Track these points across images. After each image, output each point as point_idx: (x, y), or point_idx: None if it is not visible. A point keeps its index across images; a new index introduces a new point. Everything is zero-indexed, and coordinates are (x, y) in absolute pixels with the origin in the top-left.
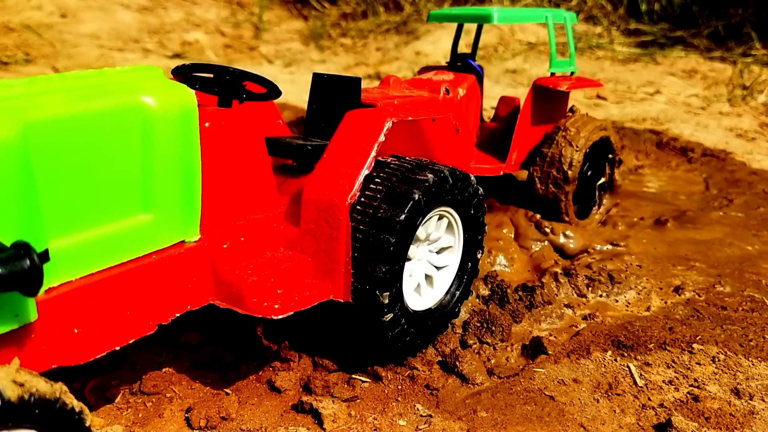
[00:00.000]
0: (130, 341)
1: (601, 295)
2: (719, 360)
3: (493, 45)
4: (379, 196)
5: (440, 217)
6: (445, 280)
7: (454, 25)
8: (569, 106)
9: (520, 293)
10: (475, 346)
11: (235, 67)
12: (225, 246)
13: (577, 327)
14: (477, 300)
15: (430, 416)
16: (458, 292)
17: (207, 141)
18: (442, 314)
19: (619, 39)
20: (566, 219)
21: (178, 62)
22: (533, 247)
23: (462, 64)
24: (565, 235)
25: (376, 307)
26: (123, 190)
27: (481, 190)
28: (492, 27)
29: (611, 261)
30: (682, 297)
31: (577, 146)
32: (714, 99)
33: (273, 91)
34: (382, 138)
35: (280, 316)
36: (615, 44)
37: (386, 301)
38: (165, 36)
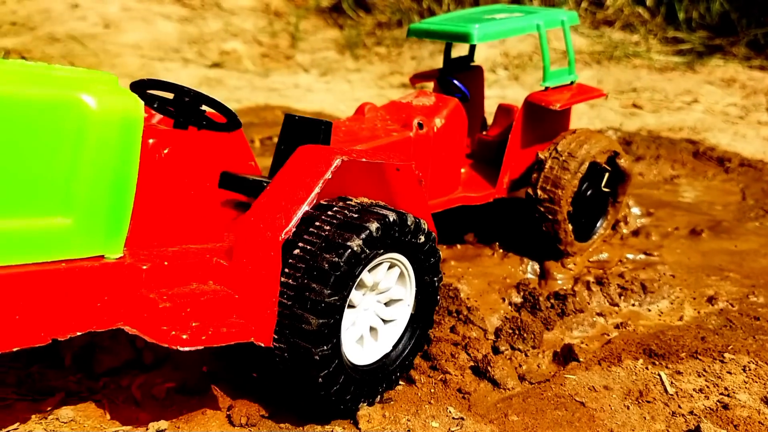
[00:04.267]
0: (14, 348)
1: (633, 304)
2: (750, 369)
3: (527, 54)
4: (316, 241)
5: (391, 266)
6: (394, 331)
7: None
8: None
9: (552, 301)
10: (506, 352)
11: (200, 91)
12: (144, 267)
13: (608, 335)
14: (509, 307)
15: (462, 419)
16: (410, 344)
17: (149, 159)
18: (389, 369)
19: (657, 47)
20: (563, 249)
21: (217, 72)
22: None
23: (446, 86)
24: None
25: (307, 362)
26: (42, 187)
27: (433, 235)
28: (527, 34)
29: (644, 270)
30: (716, 307)
31: (570, 172)
32: (753, 108)
33: (232, 121)
34: (328, 175)
35: (185, 348)
36: (652, 52)
37: (318, 357)
38: (204, 46)
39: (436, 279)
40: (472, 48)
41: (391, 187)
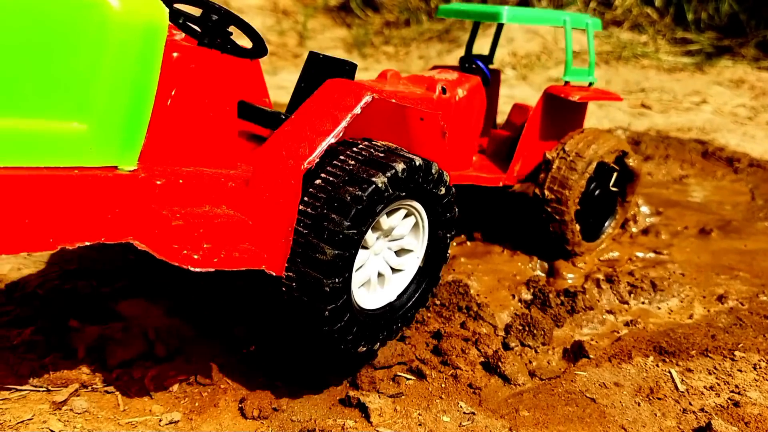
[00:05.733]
0: (21, 252)
1: (643, 302)
2: (760, 367)
3: (535, 53)
4: (340, 173)
5: (407, 214)
6: (401, 281)
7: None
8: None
9: (562, 298)
10: (516, 348)
11: (231, 11)
12: (158, 182)
13: (618, 333)
14: (519, 304)
15: (473, 414)
16: (415, 297)
17: (170, 72)
18: (391, 317)
19: (665, 48)
20: (570, 249)
21: None
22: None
23: (470, 65)
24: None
25: (316, 294)
26: (58, 89)
27: (453, 190)
28: (534, 34)
29: (654, 269)
30: (725, 306)
31: (578, 172)
32: (761, 109)
33: (259, 47)
34: (357, 110)
35: (197, 269)
36: (660, 53)
37: (328, 289)
38: None
39: (449, 235)
40: (493, 49)
41: (414, 136)
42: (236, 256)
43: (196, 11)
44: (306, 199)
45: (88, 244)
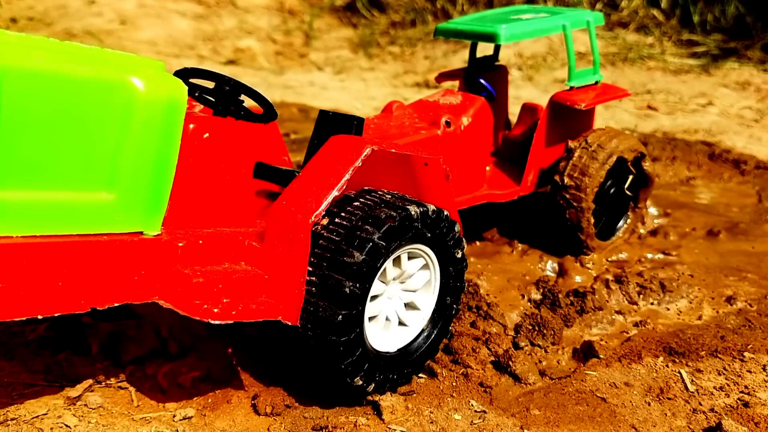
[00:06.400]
0: (56, 314)
1: (652, 303)
2: None
3: (542, 54)
4: (341, 231)
5: (416, 256)
6: (419, 320)
7: None
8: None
9: (572, 298)
10: (526, 347)
11: (241, 81)
12: (180, 244)
13: (628, 333)
14: (528, 304)
15: (484, 412)
16: (435, 332)
17: (189, 144)
18: (415, 355)
19: (671, 50)
20: (583, 239)
21: (232, 69)
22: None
23: (472, 84)
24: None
25: (331, 352)
26: (89, 163)
27: (457, 226)
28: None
29: (663, 270)
30: (734, 307)
31: (598, 162)
32: None
33: (269, 112)
34: (359, 163)
35: (216, 321)
36: (666, 55)
37: (341, 347)
38: (219, 43)
39: (455, 306)
40: (497, 48)
41: (419, 181)
42: (253, 308)
43: (210, 84)
44: (312, 259)
45: (116, 305)
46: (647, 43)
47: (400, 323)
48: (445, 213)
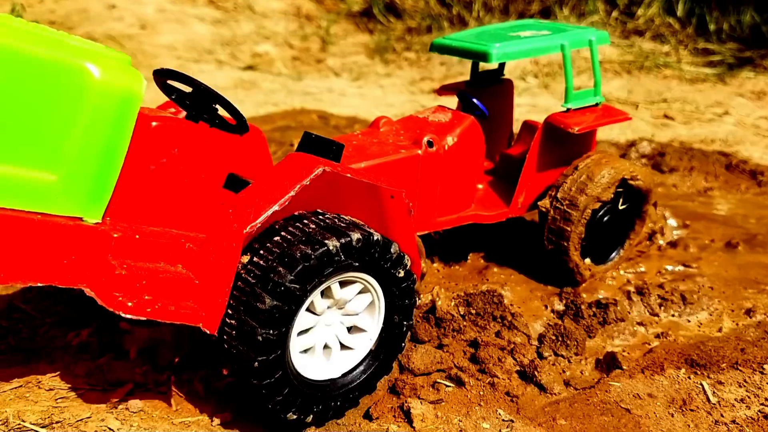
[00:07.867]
0: None
1: (673, 315)
2: None
3: (558, 62)
4: (257, 273)
5: (350, 282)
6: (365, 342)
7: None
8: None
9: (594, 309)
10: (550, 357)
11: (215, 90)
12: (115, 235)
13: (649, 344)
14: (552, 314)
15: (512, 421)
16: (374, 366)
17: (147, 139)
18: (361, 379)
19: (687, 58)
20: (571, 267)
21: (251, 74)
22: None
23: (466, 102)
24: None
25: (256, 393)
26: (35, 141)
27: (406, 258)
28: None
29: (683, 282)
30: (754, 319)
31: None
32: None
33: (240, 124)
34: (306, 182)
35: (128, 315)
36: (682, 63)
37: (263, 390)
38: (237, 48)
39: (405, 323)
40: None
41: (382, 211)
42: (172, 309)
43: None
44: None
45: (39, 284)
46: (663, 52)
47: (344, 347)
48: (376, 237)
